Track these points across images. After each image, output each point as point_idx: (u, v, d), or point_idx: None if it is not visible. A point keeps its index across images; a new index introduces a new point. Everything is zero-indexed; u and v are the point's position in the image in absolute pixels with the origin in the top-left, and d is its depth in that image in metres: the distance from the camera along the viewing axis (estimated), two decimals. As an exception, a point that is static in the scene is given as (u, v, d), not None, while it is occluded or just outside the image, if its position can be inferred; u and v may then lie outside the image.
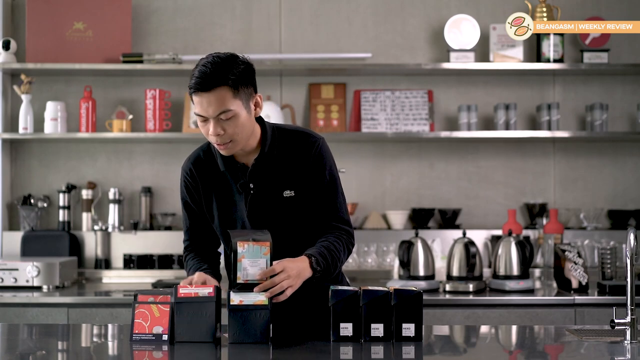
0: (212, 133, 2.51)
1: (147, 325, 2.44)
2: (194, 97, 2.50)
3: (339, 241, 2.60)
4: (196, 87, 2.47)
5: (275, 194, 2.63)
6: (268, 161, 2.63)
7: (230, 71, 2.49)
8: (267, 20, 4.63)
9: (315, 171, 2.64)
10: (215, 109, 2.48)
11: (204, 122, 2.52)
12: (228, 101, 2.48)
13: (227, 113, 2.49)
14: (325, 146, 2.68)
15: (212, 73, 2.46)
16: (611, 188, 4.65)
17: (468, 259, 3.96)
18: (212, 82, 2.46)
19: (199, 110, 2.50)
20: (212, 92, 2.46)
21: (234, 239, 2.42)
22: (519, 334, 2.82)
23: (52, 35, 4.47)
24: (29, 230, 4.45)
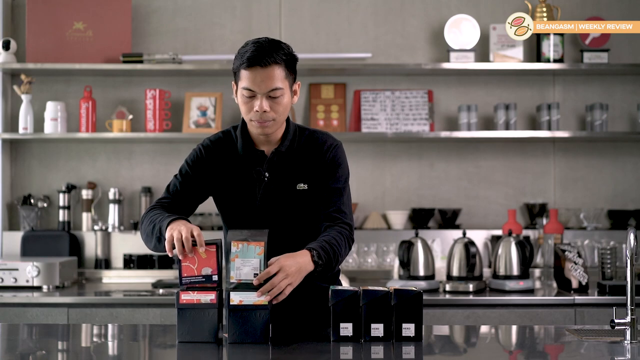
0: (258, 109, 2.55)
1: (196, 268, 2.44)
2: (245, 72, 2.55)
3: (341, 236, 2.60)
4: (252, 61, 2.53)
5: (289, 185, 2.66)
6: (287, 153, 2.67)
7: (284, 52, 2.58)
8: (267, 20, 4.63)
9: (330, 170, 2.68)
10: (268, 85, 2.54)
11: (250, 98, 2.57)
12: (280, 80, 2.57)
13: (277, 91, 2.56)
14: (343, 150, 2.74)
15: (269, 50, 2.55)
16: (611, 188, 4.65)
17: (468, 259, 3.96)
18: (269, 59, 2.54)
19: (250, 85, 2.55)
20: (267, 68, 2.54)
21: (229, 239, 2.43)
22: (519, 334, 2.82)
23: (52, 35, 4.47)
24: (29, 230, 4.45)
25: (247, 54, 2.55)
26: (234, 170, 2.69)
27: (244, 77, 2.56)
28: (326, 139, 2.72)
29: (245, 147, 2.68)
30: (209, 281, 2.43)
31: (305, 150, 2.69)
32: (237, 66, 2.59)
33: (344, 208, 2.68)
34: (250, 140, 2.69)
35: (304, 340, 2.52)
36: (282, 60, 2.57)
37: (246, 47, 2.59)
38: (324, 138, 2.73)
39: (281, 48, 2.59)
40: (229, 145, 2.71)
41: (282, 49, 2.59)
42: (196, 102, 4.53)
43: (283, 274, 2.41)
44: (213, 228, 4.53)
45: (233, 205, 2.69)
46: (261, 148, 2.68)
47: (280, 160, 2.67)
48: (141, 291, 4.01)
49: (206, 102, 4.53)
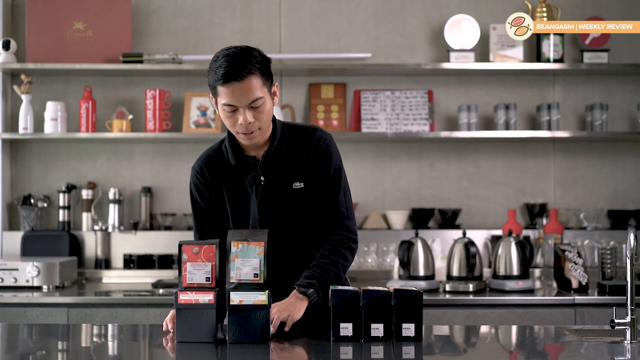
0: (243, 122, 2.55)
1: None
2: (223, 88, 2.53)
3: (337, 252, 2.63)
4: (227, 77, 2.51)
5: (285, 185, 2.66)
6: (278, 154, 2.67)
7: (255, 60, 2.56)
8: (267, 20, 4.63)
9: (322, 165, 2.67)
10: (248, 97, 2.53)
11: (232, 113, 2.56)
12: (258, 89, 2.55)
13: (258, 101, 2.55)
14: (332, 142, 2.72)
15: (241, 62, 2.53)
16: (611, 188, 4.65)
17: (468, 259, 3.96)
18: (243, 71, 2.51)
19: (230, 100, 2.53)
20: (243, 81, 2.52)
21: (229, 239, 2.43)
22: (519, 334, 2.82)
23: (52, 35, 4.47)
24: (29, 230, 4.45)
25: (221, 70, 2.52)
26: (230, 181, 2.70)
27: (223, 93, 2.54)
28: (314, 133, 2.71)
29: (237, 156, 2.68)
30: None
31: (295, 147, 2.69)
32: (213, 82, 2.56)
33: (341, 207, 2.69)
34: (239, 149, 2.69)
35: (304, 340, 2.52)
36: (256, 69, 2.54)
37: (218, 62, 2.56)
38: (312, 132, 2.71)
39: (253, 56, 2.56)
40: (221, 161, 2.72)
41: (254, 57, 2.56)
42: (196, 102, 4.53)
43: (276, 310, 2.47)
44: (213, 228, 4.52)
45: (236, 214, 2.70)
46: (252, 154, 2.69)
47: (273, 162, 2.67)
48: (141, 291, 4.01)
49: (206, 102, 4.53)
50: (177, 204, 4.61)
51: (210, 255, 2.45)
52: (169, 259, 4.44)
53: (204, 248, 2.45)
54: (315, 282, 2.57)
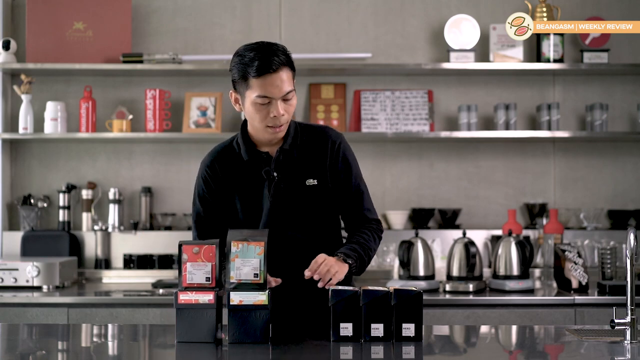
0: (276, 114, 2.57)
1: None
2: (257, 80, 2.55)
3: (369, 233, 2.70)
4: (263, 69, 2.53)
5: (299, 182, 2.69)
6: (291, 151, 2.69)
7: (283, 54, 2.59)
8: (267, 20, 4.63)
9: (343, 170, 2.72)
10: (282, 89, 2.56)
11: (264, 106, 2.58)
12: (291, 82, 2.60)
13: (289, 93, 2.59)
14: (347, 143, 2.77)
15: (275, 55, 2.56)
16: (611, 188, 4.65)
17: (468, 259, 3.96)
18: (278, 63, 2.54)
19: (265, 92, 2.55)
20: (279, 73, 2.55)
21: (229, 239, 2.43)
22: (519, 334, 2.82)
23: (52, 35, 4.47)
24: (29, 230, 4.45)
25: (255, 62, 2.55)
26: (242, 176, 2.70)
27: (256, 85, 2.55)
28: (329, 134, 2.74)
29: (249, 152, 2.69)
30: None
31: (309, 146, 2.71)
32: (242, 75, 2.58)
33: (368, 205, 2.76)
34: (252, 144, 2.70)
35: (304, 340, 2.52)
36: (286, 61, 2.59)
37: (247, 56, 2.58)
38: (326, 133, 2.74)
39: (280, 50, 2.60)
40: (232, 156, 2.73)
41: (280, 50, 2.60)
42: (196, 102, 4.53)
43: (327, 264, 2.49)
44: (213, 228, 4.52)
45: (248, 210, 2.70)
46: (264, 150, 2.70)
47: (286, 159, 2.69)
48: (141, 291, 4.01)
49: (206, 102, 4.53)
50: (177, 204, 4.61)
51: (210, 255, 2.45)
52: (169, 259, 4.44)
53: (204, 248, 2.45)
54: (357, 255, 2.62)
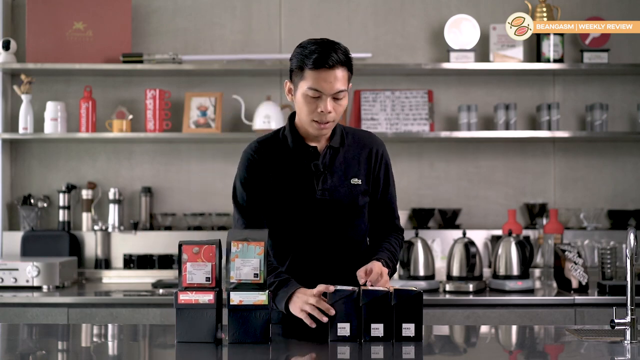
0: (323, 109, 2.59)
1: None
2: (312, 73, 2.57)
3: (397, 242, 2.81)
4: (320, 62, 2.56)
5: (345, 179, 2.72)
6: (338, 149, 2.73)
7: (345, 53, 2.62)
8: (267, 20, 4.63)
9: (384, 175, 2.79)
10: (334, 86, 2.58)
11: (315, 99, 2.60)
12: (344, 81, 2.61)
13: (340, 93, 2.60)
14: (386, 150, 2.83)
15: (334, 51, 2.58)
16: (611, 188, 4.65)
17: (468, 259, 3.96)
18: (335, 60, 2.57)
19: (317, 85, 2.57)
20: (334, 70, 2.58)
21: (229, 239, 2.43)
22: (519, 334, 2.82)
23: (52, 35, 4.47)
24: (29, 230, 4.45)
25: (314, 54, 2.57)
26: (287, 166, 2.72)
27: (310, 77, 2.58)
28: (374, 140, 2.81)
29: (296, 143, 2.72)
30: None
31: (354, 148, 2.76)
32: (299, 66, 2.60)
33: (397, 213, 2.86)
34: (300, 137, 2.73)
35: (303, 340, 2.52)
36: (345, 61, 2.61)
37: (309, 48, 2.59)
38: (372, 139, 2.81)
39: (341, 50, 2.62)
40: (277, 144, 2.75)
41: (342, 49, 2.63)
42: (196, 102, 4.53)
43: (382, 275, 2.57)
44: (213, 228, 4.53)
45: (292, 200, 2.70)
46: (312, 144, 2.73)
47: (334, 156, 2.73)
48: (141, 291, 4.01)
49: (206, 102, 4.53)
50: (177, 204, 4.61)
51: (210, 255, 2.45)
52: (169, 259, 4.44)
53: (204, 248, 2.45)
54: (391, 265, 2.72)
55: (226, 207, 4.57)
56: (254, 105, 4.52)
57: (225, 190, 4.59)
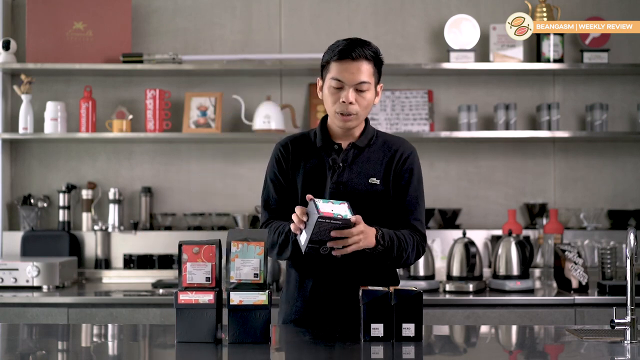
0: (345, 99, 2.66)
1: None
2: (336, 64, 2.68)
3: (412, 238, 2.71)
4: (344, 53, 2.66)
5: (362, 177, 2.74)
6: (363, 149, 2.76)
7: (373, 51, 2.70)
8: (267, 20, 4.63)
9: (402, 171, 2.76)
10: (357, 77, 2.67)
11: (337, 90, 2.68)
12: (368, 74, 2.70)
13: (363, 85, 2.68)
14: (416, 155, 2.82)
15: (360, 46, 2.68)
16: (611, 188, 4.65)
17: (468, 259, 3.96)
18: (359, 53, 2.66)
19: (340, 75, 2.67)
20: (357, 62, 2.67)
21: (229, 239, 2.43)
22: (519, 334, 2.82)
23: (52, 35, 4.47)
24: (29, 230, 4.45)
25: (340, 47, 2.68)
26: (311, 161, 2.78)
27: (334, 68, 2.68)
28: (402, 144, 2.82)
29: (324, 140, 2.78)
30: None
31: (380, 151, 2.78)
32: (327, 60, 2.71)
33: (419, 216, 2.78)
34: (328, 134, 2.79)
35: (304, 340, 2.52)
36: (371, 57, 2.69)
37: (338, 43, 2.71)
38: (400, 143, 2.82)
39: (370, 47, 2.71)
40: (306, 141, 2.82)
41: (371, 47, 2.71)
42: (196, 102, 4.53)
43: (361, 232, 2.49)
44: (213, 228, 4.53)
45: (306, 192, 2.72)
46: (338, 141, 2.77)
47: (356, 154, 2.76)
48: (141, 291, 4.01)
49: (206, 102, 4.53)
50: (177, 204, 4.61)
51: (210, 255, 2.45)
52: (169, 259, 4.44)
53: (204, 248, 2.45)
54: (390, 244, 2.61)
55: (226, 207, 4.57)
56: (254, 105, 4.52)
57: (225, 190, 4.61)
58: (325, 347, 2.43)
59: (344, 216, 2.43)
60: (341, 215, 2.43)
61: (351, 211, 2.45)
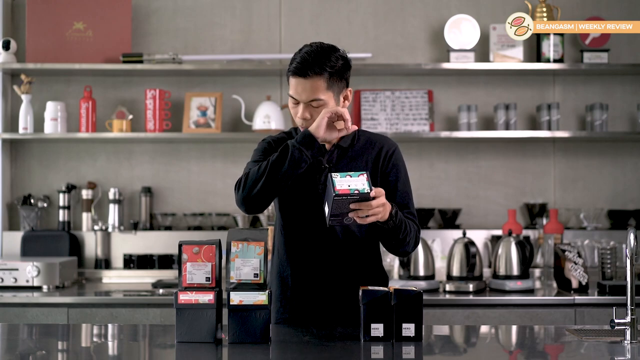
0: (300, 116, 2.67)
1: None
2: (291, 80, 2.67)
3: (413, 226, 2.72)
4: (295, 71, 2.65)
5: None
6: (347, 150, 2.76)
7: (328, 64, 2.65)
8: (267, 20, 4.63)
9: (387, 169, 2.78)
10: (307, 95, 2.65)
11: (295, 105, 2.69)
12: (321, 91, 2.65)
13: (317, 102, 2.65)
14: (399, 151, 2.83)
15: (312, 61, 2.64)
16: (611, 188, 4.65)
17: (468, 259, 3.96)
18: (310, 70, 2.63)
19: (293, 93, 2.67)
20: (308, 79, 2.64)
21: (229, 239, 2.44)
22: (519, 334, 2.82)
23: (52, 35, 4.47)
24: (29, 230, 4.45)
25: (294, 63, 2.65)
26: None
27: (290, 84, 2.68)
28: (385, 141, 2.82)
29: None
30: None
31: (364, 150, 2.78)
32: (287, 71, 2.70)
33: (413, 210, 2.80)
34: None
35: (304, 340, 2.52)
36: (326, 71, 2.64)
37: (297, 54, 2.69)
38: (382, 141, 2.82)
39: (329, 59, 2.66)
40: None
41: (329, 60, 2.66)
42: (196, 102, 4.53)
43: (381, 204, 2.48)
44: (213, 228, 4.53)
45: (294, 194, 2.74)
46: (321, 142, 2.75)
47: (341, 155, 2.76)
48: (141, 291, 4.01)
49: (206, 102, 4.53)
50: (177, 204, 4.62)
51: (210, 255, 2.45)
52: (169, 259, 4.44)
53: (204, 248, 2.45)
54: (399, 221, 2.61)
55: (226, 207, 4.57)
56: (254, 105, 4.52)
57: (225, 190, 4.61)
58: (325, 347, 2.43)
59: (362, 190, 2.41)
60: (358, 190, 2.42)
61: (369, 182, 2.44)
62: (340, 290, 2.73)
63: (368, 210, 2.46)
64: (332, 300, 2.73)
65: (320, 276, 2.73)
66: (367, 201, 2.44)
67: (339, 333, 2.59)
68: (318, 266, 2.73)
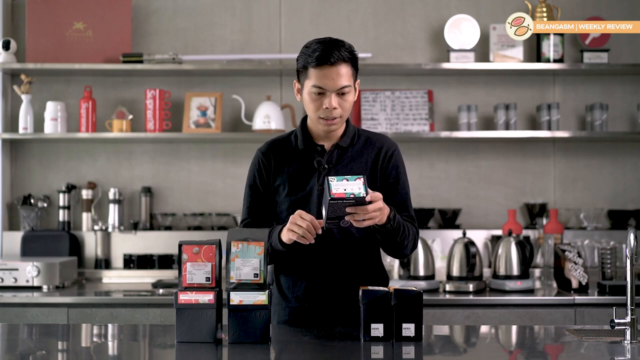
0: (328, 106, 2.64)
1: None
2: (315, 70, 2.63)
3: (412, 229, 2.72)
4: (321, 60, 2.61)
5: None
6: (346, 150, 2.76)
7: (347, 50, 2.65)
8: (267, 20, 4.63)
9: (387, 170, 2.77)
10: (337, 82, 2.63)
11: (319, 96, 2.65)
12: (348, 77, 2.65)
13: (345, 88, 2.64)
14: (399, 151, 2.82)
15: (336, 48, 2.63)
16: (611, 188, 4.65)
17: (468, 259, 3.96)
18: (337, 57, 2.61)
19: (320, 82, 2.63)
20: (336, 66, 2.62)
21: (229, 239, 2.43)
22: (519, 334, 2.82)
23: (52, 35, 4.47)
24: (29, 230, 4.45)
25: (317, 52, 2.62)
26: (293, 164, 2.76)
27: (313, 75, 2.64)
28: (385, 141, 2.81)
29: (305, 142, 2.76)
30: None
31: (364, 149, 2.78)
32: (303, 65, 2.66)
33: (412, 212, 2.80)
34: (309, 136, 2.77)
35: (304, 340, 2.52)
36: (348, 58, 2.65)
37: (312, 47, 2.66)
38: (383, 140, 2.81)
39: (344, 47, 2.66)
40: (287, 145, 2.80)
41: (345, 47, 2.66)
42: (196, 102, 4.53)
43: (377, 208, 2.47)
44: (213, 228, 4.53)
45: (292, 196, 2.73)
46: (320, 143, 2.76)
47: (340, 155, 2.75)
48: (141, 291, 4.01)
49: (206, 102, 4.53)
50: (177, 204, 4.62)
51: (210, 255, 2.45)
52: (169, 259, 4.44)
53: (204, 248, 2.45)
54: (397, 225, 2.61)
55: (226, 207, 4.57)
56: (254, 105, 4.52)
57: (225, 190, 4.61)
58: (325, 347, 2.43)
59: (357, 194, 2.41)
60: (354, 194, 2.41)
61: (365, 187, 2.43)
62: (340, 290, 2.72)
63: (364, 214, 2.46)
64: (332, 300, 2.73)
65: (320, 276, 2.73)
66: (363, 205, 2.44)
67: (339, 333, 2.59)
68: (317, 266, 2.73)
